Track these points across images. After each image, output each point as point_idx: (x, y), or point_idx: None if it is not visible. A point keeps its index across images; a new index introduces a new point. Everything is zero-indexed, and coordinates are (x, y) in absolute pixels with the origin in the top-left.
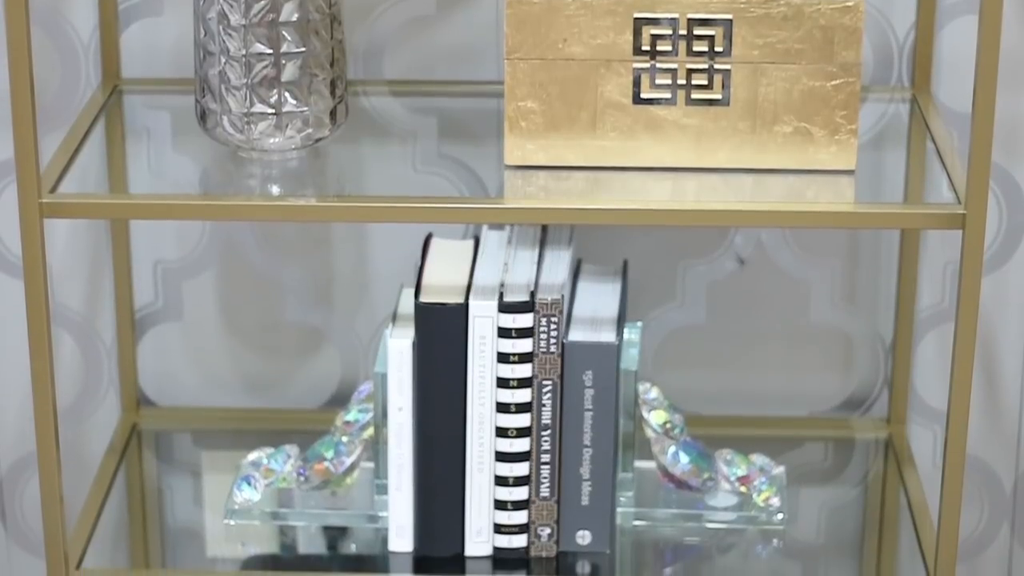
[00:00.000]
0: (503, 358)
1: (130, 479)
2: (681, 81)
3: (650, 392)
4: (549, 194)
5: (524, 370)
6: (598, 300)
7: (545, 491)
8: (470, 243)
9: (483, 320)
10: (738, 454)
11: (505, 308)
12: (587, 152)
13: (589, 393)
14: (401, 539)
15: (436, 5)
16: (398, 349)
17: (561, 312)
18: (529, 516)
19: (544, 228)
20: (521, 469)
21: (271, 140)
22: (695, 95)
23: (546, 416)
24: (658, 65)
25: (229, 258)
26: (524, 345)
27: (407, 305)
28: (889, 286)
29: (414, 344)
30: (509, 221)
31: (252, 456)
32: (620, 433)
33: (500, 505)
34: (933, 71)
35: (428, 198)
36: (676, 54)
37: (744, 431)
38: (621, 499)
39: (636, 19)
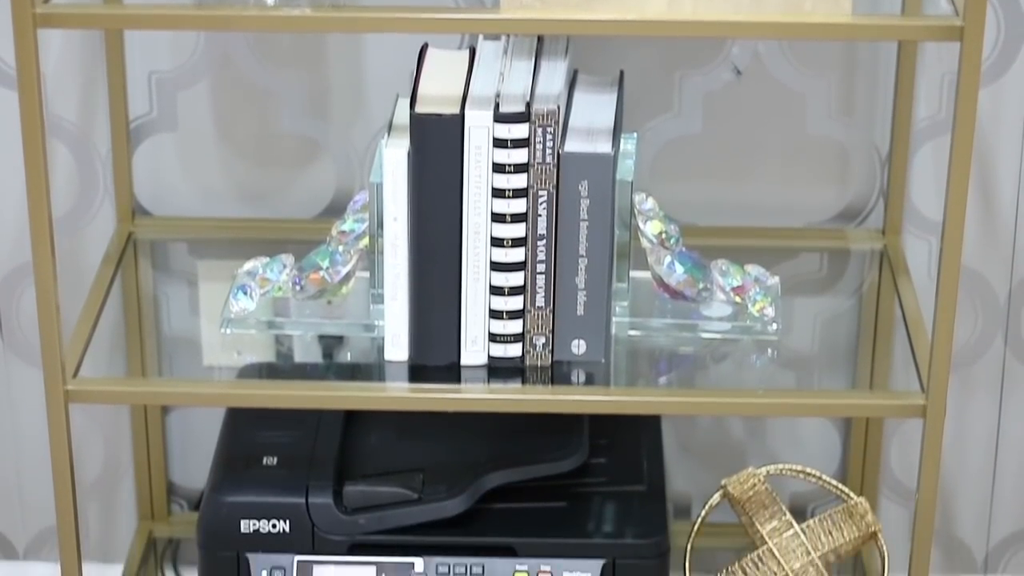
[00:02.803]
0: (499, 168)
1: (126, 289)
2: None
3: (646, 202)
4: (545, 4)
5: (520, 180)
6: (594, 111)
7: (540, 300)
8: (466, 53)
9: (479, 130)
10: (733, 264)
11: (501, 118)
12: None
13: (584, 203)
14: (397, 348)
15: None
16: (394, 159)
17: (557, 122)
18: (524, 325)
19: (540, 39)
20: (516, 279)
21: None
22: None
23: (541, 226)
24: None
25: (224, 68)
26: (520, 155)
27: (403, 115)
28: (886, 98)
29: (409, 154)
30: (505, 32)
31: (248, 266)
32: (615, 243)
33: (495, 314)
34: None
35: (424, 8)
36: None
37: (739, 242)
38: (616, 309)
39: None
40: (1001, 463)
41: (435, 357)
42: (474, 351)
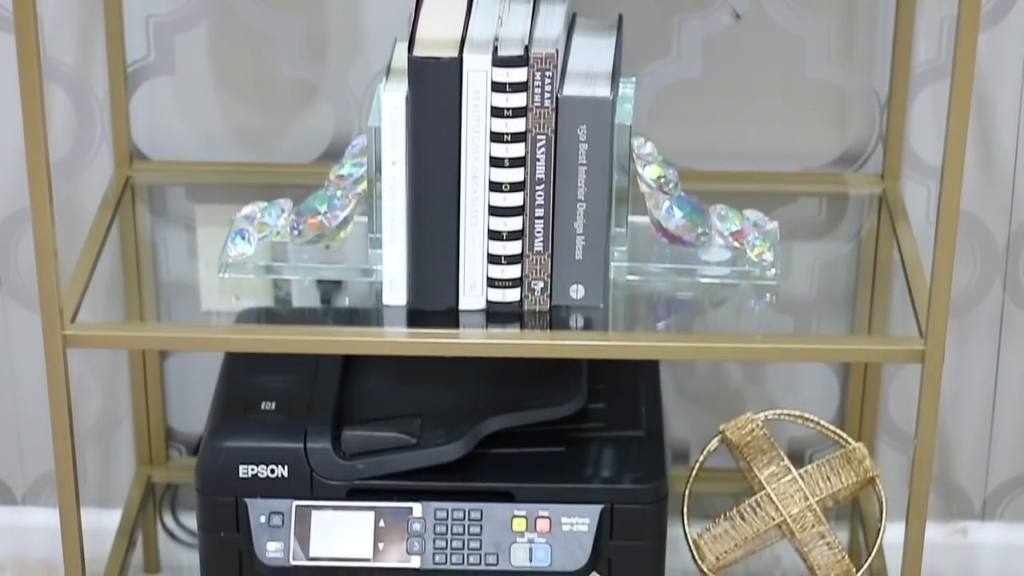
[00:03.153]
0: (497, 112)
1: (124, 233)
2: None
3: (644, 147)
4: None
5: (518, 124)
6: (593, 54)
7: (539, 245)
8: None
9: (477, 74)
10: (732, 209)
11: (499, 62)
12: None
13: (583, 148)
14: (395, 293)
15: None
16: (392, 103)
17: (555, 66)
18: (522, 270)
19: None
20: (515, 223)
21: None
22: None
23: (540, 171)
24: None
25: (221, 11)
26: (518, 100)
27: (401, 59)
28: (885, 41)
29: (407, 98)
30: None
31: (246, 210)
32: (614, 188)
33: (493, 259)
34: None
35: None
36: None
37: (738, 186)
38: (615, 254)
39: None
40: (999, 409)
41: (433, 302)
42: (472, 296)
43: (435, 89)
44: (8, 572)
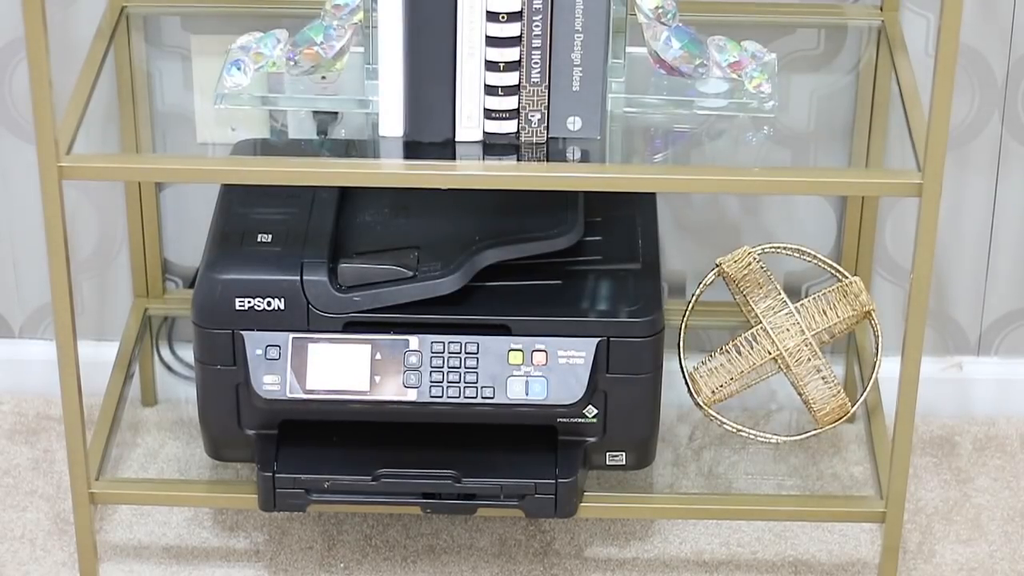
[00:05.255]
0: None
1: (119, 64)
2: None
3: None
4: None
5: None
6: None
7: (536, 76)
8: None
9: None
10: (730, 40)
11: None
12: None
13: None
14: (391, 124)
15: None
16: None
17: None
18: (519, 101)
19: None
20: (512, 54)
21: None
22: None
23: (537, 0)
24: None
25: None
26: None
27: None
28: None
29: None
30: None
31: (241, 40)
32: (611, 18)
33: (490, 90)
34: None
35: None
36: None
37: (736, 17)
38: (612, 85)
39: None
40: (996, 244)
41: (430, 133)
42: (469, 127)
43: None
44: (6, 404)
